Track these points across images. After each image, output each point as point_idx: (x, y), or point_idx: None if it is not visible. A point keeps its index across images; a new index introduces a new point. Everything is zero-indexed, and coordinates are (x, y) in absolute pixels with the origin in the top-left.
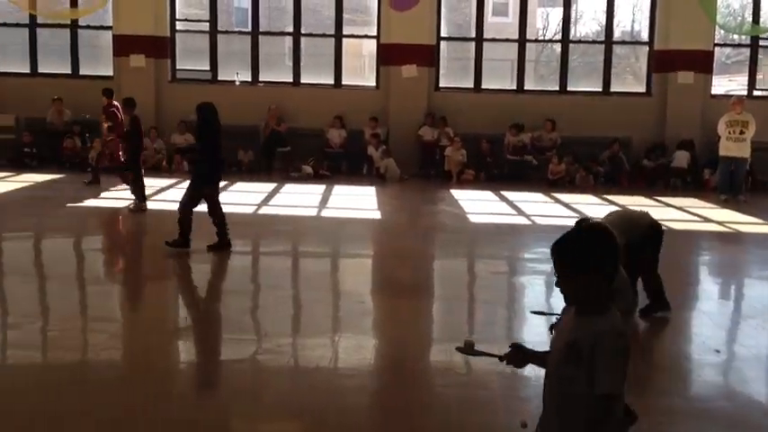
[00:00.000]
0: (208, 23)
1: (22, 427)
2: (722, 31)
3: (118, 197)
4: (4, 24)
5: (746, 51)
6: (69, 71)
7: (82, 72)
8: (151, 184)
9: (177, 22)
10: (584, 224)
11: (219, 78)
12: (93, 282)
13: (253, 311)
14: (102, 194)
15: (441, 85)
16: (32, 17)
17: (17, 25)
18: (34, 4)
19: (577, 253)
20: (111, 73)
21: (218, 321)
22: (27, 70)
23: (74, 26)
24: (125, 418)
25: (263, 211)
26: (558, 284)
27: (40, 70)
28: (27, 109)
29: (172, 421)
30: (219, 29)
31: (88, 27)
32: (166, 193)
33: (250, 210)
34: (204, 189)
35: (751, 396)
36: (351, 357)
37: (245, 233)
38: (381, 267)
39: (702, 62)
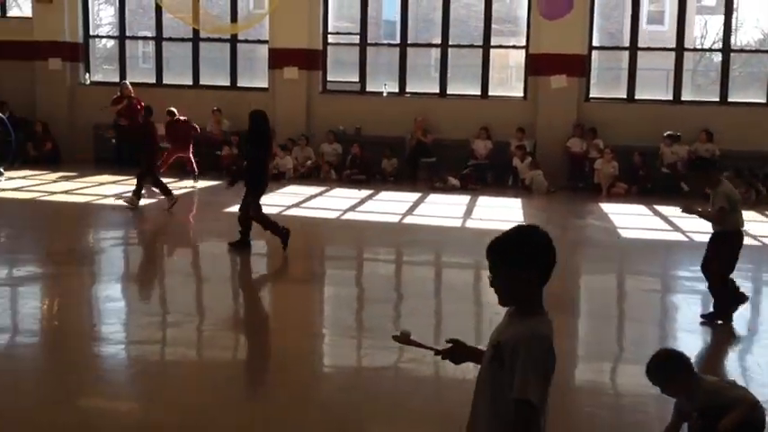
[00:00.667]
0: (358, 36)
1: (181, 424)
2: None
3: (272, 203)
4: (170, 39)
5: None
6: (228, 83)
7: (239, 84)
8: (300, 191)
9: (329, 36)
10: (522, 225)
11: (368, 89)
12: (246, 285)
13: (396, 320)
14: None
15: (591, 96)
16: (195, 32)
17: (182, 40)
18: (197, 19)
19: (504, 247)
20: (266, 85)
21: (362, 328)
22: (190, 82)
23: (233, 40)
24: (272, 419)
25: (408, 220)
26: (491, 283)
27: (201, 82)
28: (197, 119)
29: (316, 423)
30: (369, 41)
31: (246, 41)
32: (316, 201)
33: (395, 219)
34: (257, 189)
35: None
36: None
37: (389, 241)
38: None
39: None
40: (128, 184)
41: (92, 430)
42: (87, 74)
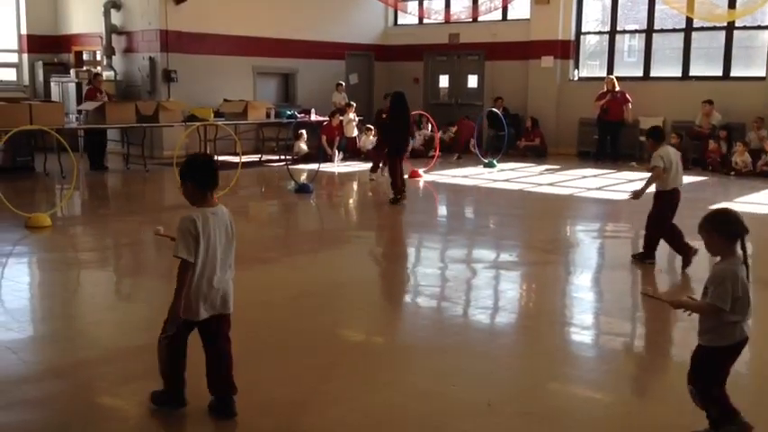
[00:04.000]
0: None
1: (653, 412)
2: None
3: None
4: (661, 30)
5: None
6: (720, 73)
7: (733, 74)
8: None
9: None
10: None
11: None
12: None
13: None
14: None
15: None
16: (688, 21)
17: (673, 30)
18: (692, 7)
19: (180, 167)
20: (763, 74)
21: None
22: (678, 74)
23: (729, 28)
24: None
25: None
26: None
27: (691, 73)
28: (676, 111)
29: None
30: None
31: (744, 28)
32: None
33: None
34: (389, 153)
35: None
36: None
37: None
38: None
39: None
40: (608, 178)
41: (560, 413)
42: (576, 70)
